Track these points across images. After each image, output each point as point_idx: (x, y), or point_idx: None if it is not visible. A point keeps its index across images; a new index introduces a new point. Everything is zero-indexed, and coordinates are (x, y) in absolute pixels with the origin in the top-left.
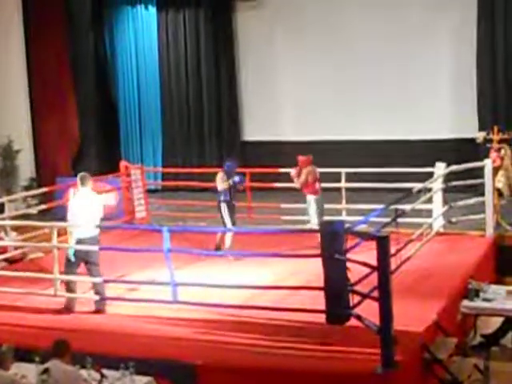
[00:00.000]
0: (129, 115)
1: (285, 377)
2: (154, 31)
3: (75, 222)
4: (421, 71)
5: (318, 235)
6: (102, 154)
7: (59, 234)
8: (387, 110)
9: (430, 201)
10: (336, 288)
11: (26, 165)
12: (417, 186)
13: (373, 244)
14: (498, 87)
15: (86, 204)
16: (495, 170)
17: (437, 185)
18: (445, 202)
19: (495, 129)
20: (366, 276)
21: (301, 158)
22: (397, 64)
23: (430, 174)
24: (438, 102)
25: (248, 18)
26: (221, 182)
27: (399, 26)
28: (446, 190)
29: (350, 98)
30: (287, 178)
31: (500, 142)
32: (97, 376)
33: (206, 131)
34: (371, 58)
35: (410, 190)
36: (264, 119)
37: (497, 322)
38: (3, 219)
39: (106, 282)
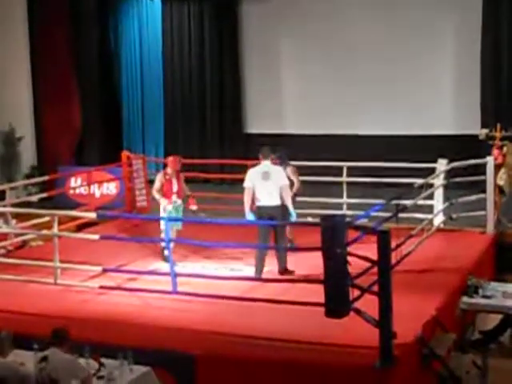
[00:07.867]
0: (131, 105)
1: (283, 369)
2: (158, 24)
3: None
4: (424, 67)
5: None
6: (104, 144)
7: (60, 223)
8: (390, 105)
9: (431, 197)
10: (336, 282)
11: (27, 153)
12: (418, 181)
13: (373, 238)
14: (501, 84)
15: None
16: (497, 167)
17: (438, 181)
18: (446, 198)
19: (498, 126)
20: (367, 270)
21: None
22: (400, 59)
23: (432, 170)
24: (440, 98)
25: (253, 11)
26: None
27: (402, 22)
28: (447, 186)
29: (353, 93)
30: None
31: (502, 139)
32: (95, 365)
33: (208, 122)
34: (374, 54)
35: (411, 185)
36: (267, 112)
37: (495, 318)
38: (4, 206)
39: (105, 270)
